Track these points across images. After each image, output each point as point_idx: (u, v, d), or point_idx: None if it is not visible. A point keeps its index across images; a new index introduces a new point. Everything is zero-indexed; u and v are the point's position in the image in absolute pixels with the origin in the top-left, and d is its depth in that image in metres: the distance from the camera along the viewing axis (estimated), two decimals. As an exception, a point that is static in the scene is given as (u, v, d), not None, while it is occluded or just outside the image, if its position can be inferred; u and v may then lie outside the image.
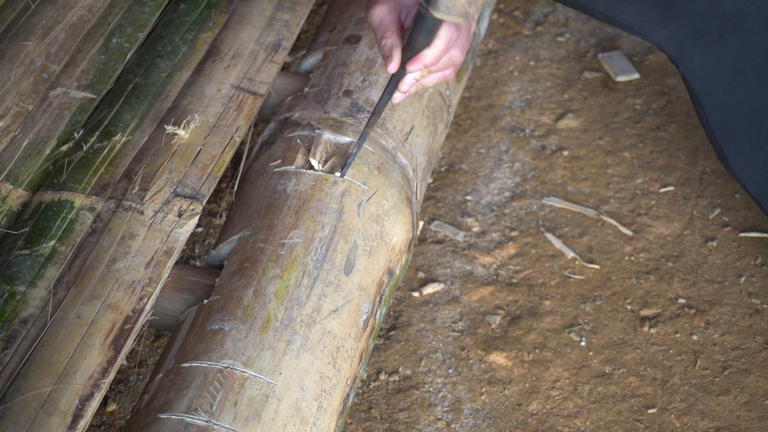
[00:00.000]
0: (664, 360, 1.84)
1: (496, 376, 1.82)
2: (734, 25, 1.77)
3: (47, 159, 1.64)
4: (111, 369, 1.39)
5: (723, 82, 1.79)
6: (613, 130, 2.20)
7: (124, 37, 1.83)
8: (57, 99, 1.72)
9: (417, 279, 1.96)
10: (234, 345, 1.39)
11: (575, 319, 1.89)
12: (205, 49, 1.82)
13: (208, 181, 1.61)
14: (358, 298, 1.51)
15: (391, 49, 1.40)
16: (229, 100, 1.73)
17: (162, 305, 1.51)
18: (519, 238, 2.01)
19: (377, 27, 1.41)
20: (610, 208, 2.06)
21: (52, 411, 1.33)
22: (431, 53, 1.39)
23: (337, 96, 1.71)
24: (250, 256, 1.50)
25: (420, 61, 1.39)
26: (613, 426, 1.76)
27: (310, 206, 1.55)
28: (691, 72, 1.80)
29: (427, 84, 1.47)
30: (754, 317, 1.89)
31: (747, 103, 1.78)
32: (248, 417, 1.33)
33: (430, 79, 1.46)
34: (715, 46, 1.77)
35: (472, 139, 2.19)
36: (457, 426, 1.76)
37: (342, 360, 1.45)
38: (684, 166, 2.13)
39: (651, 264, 1.97)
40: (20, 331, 1.41)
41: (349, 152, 1.61)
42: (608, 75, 2.31)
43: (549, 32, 2.40)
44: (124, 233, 1.52)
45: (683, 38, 1.79)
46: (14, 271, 1.48)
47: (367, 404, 1.79)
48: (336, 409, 1.43)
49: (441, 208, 2.07)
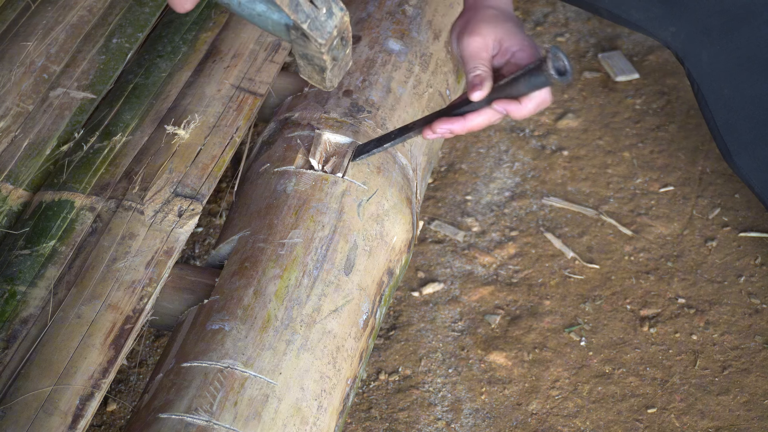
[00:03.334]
0: (664, 360, 1.84)
1: (496, 375, 1.82)
2: (741, 21, 1.76)
3: (47, 159, 1.64)
4: (111, 369, 1.39)
5: (729, 78, 1.79)
6: (613, 130, 2.20)
7: (124, 37, 1.83)
8: (57, 99, 1.72)
9: (417, 279, 1.96)
10: (234, 345, 1.39)
11: (575, 319, 1.90)
12: (206, 49, 1.82)
13: (208, 181, 1.61)
14: (358, 298, 1.51)
15: (483, 81, 1.45)
16: (229, 100, 1.73)
17: (162, 305, 1.51)
18: (519, 238, 2.02)
19: (471, 57, 1.47)
20: (610, 208, 2.06)
21: (52, 411, 1.33)
22: (533, 104, 1.45)
23: (337, 96, 1.71)
24: (250, 256, 1.50)
25: (519, 110, 1.44)
26: (613, 426, 1.76)
27: (310, 206, 1.55)
28: (697, 68, 1.80)
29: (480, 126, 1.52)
30: (754, 317, 1.89)
31: (753, 99, 1.78)
32: (248, 417, 1.33)
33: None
34: (722, 42, 1.77)
35: (472, 139, 2.19)
36: (456, 426, 1.76)
37: (342, 360, 1.45)
38: (684, 166, 2.13)
39: (651, 264, 1.97)
40: (20, 331, 1.41)
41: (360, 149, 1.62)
42: (608, 75, 2.31)
43: (549, 32, 2.40)
44: (125, 233, 1.53)
45: (690, 34, 1.79)
46: (14, 271, 1.48)
47: (367, 404, 1.79)
48: (336, 408, 1.43)
49: (441, 208, 2.07)
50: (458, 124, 1.48)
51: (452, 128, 1.48)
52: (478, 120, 1.47)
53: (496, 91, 1.44)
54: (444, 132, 1.49)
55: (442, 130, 1.49)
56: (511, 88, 1.43)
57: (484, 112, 1.47)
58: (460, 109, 1.48)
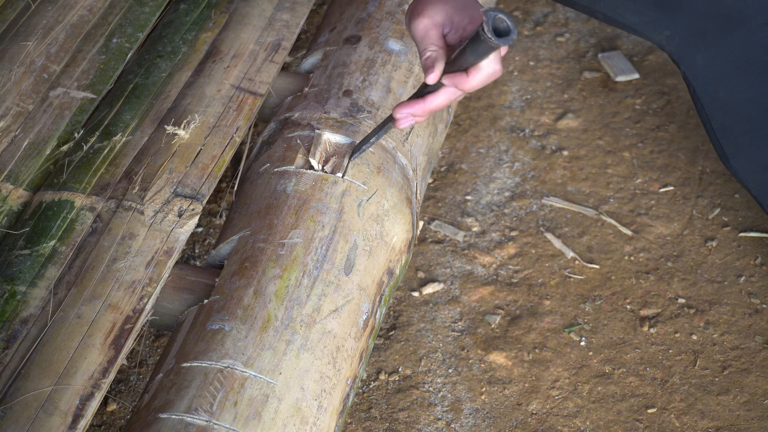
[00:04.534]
0: (664, 360, 1.84)
1: (495, 375, 1.82)
2: (736, 24, 1.76)
3: (47, 159, 1.64)
4: (111, 369, 1.39)
5: (724, 81, 1.79)
6: (613, 130, 2.20)
7: (124, 37, 1.83)
8: (57, 99, 1.72)
9: (417, 279, 1.96)
10: (234, 345, 1.39)
11: (575, 319, 1.90)
12: (205, 49, 1.82)
13: (208, 181, 1.61)
14: (358, 298, 1.51)
15: (434, 62, 1.43)
16: (229, 100, 1.73)
17: (162, 305, 1.51)
18: (519, 238, 2.02)
19: (421, 39, 1.44)
20: (610, 208, 2.06)
21: (52, 411, 1.33)
22: (481, 75, 1.41)
23: (337, 96, 1.71)
24: (250, 256, 1.50)
25: (467, 81, 1.41)
26: (613, 426, 1.76)
27: (310, 206, 1.55)
28: (692, 71, 1.80)
29: (446, 103, 1.49)
30: (754, 317, 1.89)
31: (748, 102, 1.78)
32: (248, 417, 1.33)
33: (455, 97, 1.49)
34: (717, 45, 1.77)
35: (472, 139, 2.19)
36: (456, 426, 1.76)
37: (342, 360, 1.45)
38: (684, 166, 2.13)
39: (651, 264, 1.97)
40: (21, 331, 1.41)
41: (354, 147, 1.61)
42: (608, 75, 2.31)
43: (549, 32, 2.40)
44: (125, 233, 1.53)
45: (685, 37, 1.79)
46: (15, 271, 1.48)
47: (367, 404, 1.79)
48: (336, 408, 1.43)
49: (441, 208, 2.07)
50: (418, 106, 1.46)
51: (413, 111, 1.47)
52: (438, 100, 1.45)
53: (449, 66, 1.43)
54: (406, 117, 1.47)
55: (402, 116, 1.47)
56: (461, 60, 1.40)
57: (442, 91, 1.45)
58: (422, 92, 1.47)
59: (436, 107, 1.46)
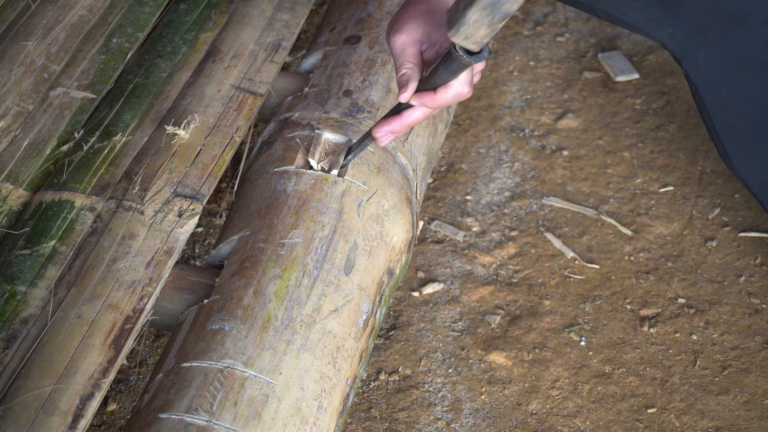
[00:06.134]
0: (664, 360, 1.84)
1: (495, 375, 1.82)
2: (738, 22, 1.76)
3: (48, 159, 1.64)
4: (111, 369, 1.39)
5: (726, 79, 1.79)
6: (613, 130, 2.20)
7: (124, 37, 1.83)
8: (57, 99, 1.72)
9: (417, 279, 1.96)
10: (234, 345, 1.39)
11: (575, 319, 1.90)
12: (205, 49, 1.82)
13: (208, 181, 1.61)
14: (358, 298, 1.51)
15: (408, 80, 1.44)
16: (229, 100, 1.73)
17: (162, 305, 1.51)
18: (519, 238, 2.02)
19: (398, 55, 1.46)
20: (610, 208, 2.06)
21: (52, 411, 1.33)
22: (448, 95, 1.43)
23: (337, 96, 1.71)
24: (250, 256, 1.50)
25: (434, 101, 1.43)
26: (613, 426, 1.76)
27: (310, 206, 1.55)
28: (694, 69, 1.80)
29: (419, 120, 1.50)
30: (754, 317, 1.89)
31: (750, 100, 1.78)
32: (248, 417, 1.33)
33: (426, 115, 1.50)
34: (719, 43, 1.77)
35: (472, 139, 2.19)
36: (456, 426, 1.76)
37: (342, 360, 1.45)
38: (684, 166, 2.13)
39: (651, 264, 1.97)
40: (21, 331, 1.41)
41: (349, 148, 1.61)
42: (608, 75, 2.31)
43: (549, 32, 2.40)
44: (125, 233, 1.53)
45: (687, 35, 1.79)
46: (15, 271, 1.48)
47: (367, 404, 1.79)
48: (336, 408, 1.43)
49: (441, 208, 2.07)
50: (395, 123, 1.48)
51: (392, 129, 1.48)
52: (415, 115, 1.47)
53: (424, 83, 1.44)
54: (386, 134, 1.49)
55: (382, 134, 1.49)
56: (435, 77, 1.42)
57: (418, 107, 1.47)
58: (398, 109, 1.48)
59: (413, 122, 1.48)
